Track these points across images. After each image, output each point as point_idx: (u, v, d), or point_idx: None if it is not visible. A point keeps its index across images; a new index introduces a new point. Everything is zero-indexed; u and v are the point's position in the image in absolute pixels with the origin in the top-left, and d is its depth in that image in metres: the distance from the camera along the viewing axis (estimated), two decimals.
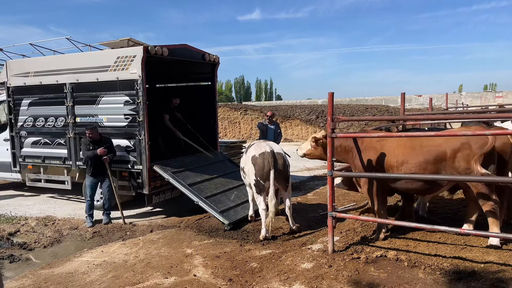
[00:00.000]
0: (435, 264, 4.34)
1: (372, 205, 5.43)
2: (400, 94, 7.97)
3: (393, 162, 5.05)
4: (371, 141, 5.27)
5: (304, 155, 6.02)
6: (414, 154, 4.94)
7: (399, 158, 5.02)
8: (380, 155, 5.15)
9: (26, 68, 8.98)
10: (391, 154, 5.09)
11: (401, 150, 5.04)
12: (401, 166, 5.00)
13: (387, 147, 5.15)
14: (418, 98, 29.40)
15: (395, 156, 5.05)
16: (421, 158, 4.88)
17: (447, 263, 4.33)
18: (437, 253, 4.67)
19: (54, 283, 4.94)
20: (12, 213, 8.21)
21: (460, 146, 4.71)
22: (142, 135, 7.55)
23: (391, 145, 5.13)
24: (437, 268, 4.25)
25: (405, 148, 5.03)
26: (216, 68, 9.49)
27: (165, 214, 8.14)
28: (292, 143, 21.74)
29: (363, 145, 5.35)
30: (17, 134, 9.25)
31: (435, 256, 4.57)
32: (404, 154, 5.00)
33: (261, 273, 4.85)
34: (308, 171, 12.76)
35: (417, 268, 4.33)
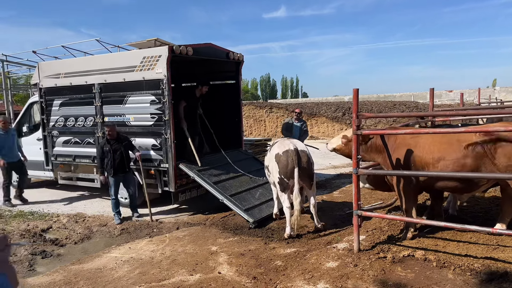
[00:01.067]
0: (466, 264, 4.19)
1: (402, 203, 5.28)
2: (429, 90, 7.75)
3: (429, 159, 4.85)
4: (404, 138, 5.10)
5: (333, 149, 5.97)
6: (451, 150, 4.73)
7: (435, 154, 4.81)
8: (414, 152, 4.96)
9: (57, 69, 9.26)
10: (426, 151, 4.89)
11: (436, 146, 4.83)
12: (437, 163, 4.78)
13: (421, 144, 4.95)
14: (449, 94, 28.52)
15: (431, 153, 4.85)
16: (459, 154, 4.67)
17: (478, 263, 4.18)
18: (468, 253, 4.51)
19: (84, 279, 5.07)
20: (45, 210, 8.51)
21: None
22: (168, 133, 7.65)
23: (426, 141, 4.93)
24: (467, 269, 4.11)
25: (441, 144, 4.82)
26: (241, 66, 9.50)
27: (191, 212, 8.23)
28: (318, 141, 21.55)
29: (396, 142, 5.17)
30: (49, 134, 9.55)
31: (466, 257, 4.42)
32: (440, 150, 4.80)
33: (285, 271, 4.83)
34: (334, 169, 12.62)
35: (447, 269, 4.20)
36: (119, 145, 7.57)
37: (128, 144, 7.70)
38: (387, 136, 5.22)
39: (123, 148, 7.59)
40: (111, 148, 7.55)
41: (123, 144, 7.61)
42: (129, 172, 7.81)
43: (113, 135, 7.59)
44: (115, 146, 7.57)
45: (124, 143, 7.64)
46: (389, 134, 5.14)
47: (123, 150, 7.58)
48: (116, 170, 7.63)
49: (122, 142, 7.62)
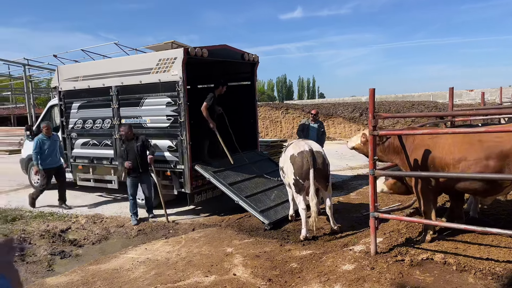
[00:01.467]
0: (487, 268, 4.07)
1: (421, 205, 5.15)
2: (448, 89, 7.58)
3: (449, 160, 4.70)
4: (422, 138, 4.97)
5: (353, 148, 5.90)
6: (473, 150, 4.57)
7: (456, 155, 4.65)
8: (434, 153, 4.82)
9: (76, 72, 9.42)
10: (446, 151, 4.74)
11: (457, 147, 4.68)
12: (458, 164, 4.62)
13: (441, 144, 4.81)
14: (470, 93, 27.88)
15: (451, 153, 4.69)
16: (482, 155, 4.51)
17: (500, 267, 4.05)
18: (489, 256, 4.38)
19: (101, 279, 5.13)
20: (64, 211, 8.65)
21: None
22: (184, 135, 7.69)
23: (446, 142, 4.78)
24: (488, 273, 3.99)
25: (462, 144, 4.67)
26: (256, 67, 9.49)
27: (207, 213, 8.24)
28: (335, 142, 21.38)
29: (414, 143, 5.04)
30: (68, 136, 9.72)
31: (487, 260, 4.29)
32: (461, 151, 4.64)
33: (301, 273, 4.78)
34: (351, 170, 12.48)
35: (467, 273, 4.08)
36: (134, 146, 7.65)
37: (142, 145, 7.72)
38: (405, 137, 5.10)
39: (139, 149, 7.66)
40: (126, 149, 7.64)
41: (137, 145, 7.67)
42: (145, 173, 7.86)
43: (127, 135, 7.66)
44: (130, 147, 7.65)
45: (138, 143, 7.69)
46: (407, 134, 5.03)
47: (139, 151, 7.65)
48: (131, 171, 7.71)
49: (137, 143, 7.69)
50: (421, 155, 4.90)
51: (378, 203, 4.99)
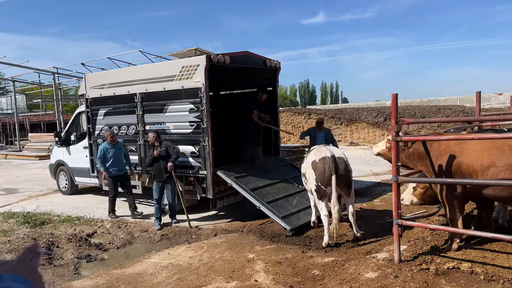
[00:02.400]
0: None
1: (447, 212, 5.01)
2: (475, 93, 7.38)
3: (477, 166, 4.54)
4: (448, 144, 4.83)
5: (378, 154, 5.88)
6: (503, 156, 4.41)
7: (484, 161, 4.50)
8: (460, 159, 4.68)
9: (102, 80, 9.67)
10: (474, 157, 4.59)
11: (485, 153, 4.53)
12: (487, 171, 4.46)
13: (468, 150, 4.66)
14: (499, 97, 27.03)
15: (479, 159, 4.54)
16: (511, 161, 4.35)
17: None
18: None
19: (125, 283, 5.22)
20: (90, 216, 8.85)
21: None
22: (206, 141, 7.77)
23: (473, 147, 4.64)
24: None
25: (490, 149, 4.52)
26: (277, 73, 9.51)
27: (229, 219, 8.28)
28: (359, 147, 21.12)
29: (439, 148, 4.90)
30: (94, 142, 9.96)
31: None
32: (489, 157, 4.49)
33: (322, 281, 4.73)
34: (375, 176, 12.29)
35: (495, 282, 3.96)
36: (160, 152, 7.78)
37: (167, 151, 7.86)
38: (430, 142, 4.99)
39: (164, 154, 7.78)
40: (153, 154, 7.80)
41: (163, 150, 7.81)
42: (170, 179, 7.99)
43: (152, 141, 7.87)
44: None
45: (163, 149, 7.83)
46: (431, 140, 4.93)
47: (163, 156, 7.78)
48: (156, 176, 7.85)
49: (162, 149, 7.83)
50: (447, 161, 4.78)
51: (402, 210, 4.90)
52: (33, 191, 12.28)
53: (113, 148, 8.50)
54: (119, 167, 8.62)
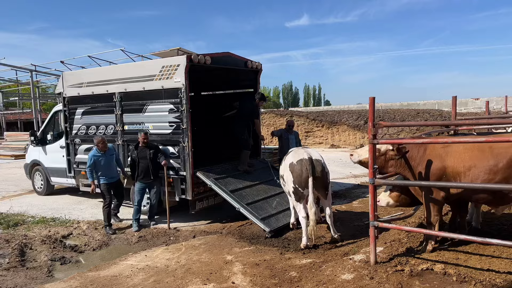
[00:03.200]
0: (487, 279, 4.02)
1: (430, 215, 5.02)
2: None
3: (460, 168, 4.61)
4: (434, 147, 4.87)
5: (359, 162, 5.56)
6: (483, 157, 4.49)
7: (466, 162, 4.57)
8: (445, 162, 4.74)
9: (80, 79, 9.49)
10: (458, 159, 4.66)
11: (468, 154, 4.60)
12: (469, 171, 4.54)
13: (452, 152, 4.72)
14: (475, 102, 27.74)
15: (462, 161, 4.61)
16: (491, 162, 4.43)
17: (500, 279, 4.00)
18: (490, 268, 4.33)
19: (100, 285, 5.12)
20: (66, 217, 8.67)
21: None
22: (186, 142, 7.70)
23: (457, 149, 4.70)
24: (489, 284, 3.94)
25: (472, 150, 4.59)
26: (259, 75, 9.51)
27: (208, 220, 8.23)
28: (339, 149, 21.32)
29: (426, 153, 4.94)
30: (71, 142, 9.77)
31: (488, 271, 4.25)
32: (471, 158, 4.56)
33: (299, 282, 4.74)
34: (355, 178, 12.42)
35: (467, 284, 4.04)
36: (147, 153, 7.70)
37: (155, 153, 7.78)
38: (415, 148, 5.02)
39: (151, 156, 7.70)
40: (137, 155, 7.69)
41: (150, 152, 7.72)
42: (155, 180, 7.90)
43: (143, 142, 7.74)
44: (142, 154, 7.71)
45: (151, 151, 7.74)
46: (407, 143, 5.00)
47: (150, 158, 7.69)
48: (140, 177, 7.75)
49: (149, 150, 7.74)
50: (433, 164, 4.82)
51: (380, 212, 4.96)
52: (7, 191, 11.97)
53: (104, 155, 7.74)
54: (111, 174, 7.88)
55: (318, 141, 23.36)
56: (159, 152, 7.85)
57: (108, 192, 7.84)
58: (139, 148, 7.78)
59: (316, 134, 23.59)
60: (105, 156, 7.77)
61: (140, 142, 7.76)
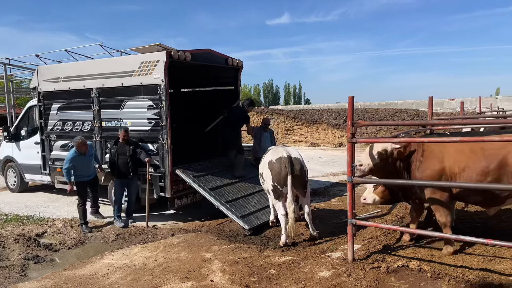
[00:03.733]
0: (461, 276, 4.12)
1: (438, 216, 4.86)
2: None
3: (455, 169, 4.61)
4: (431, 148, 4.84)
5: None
6: (475, 159, 4.50)
7: (461, 164, 4.57)
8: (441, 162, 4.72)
9: (56, 73, 9.27)
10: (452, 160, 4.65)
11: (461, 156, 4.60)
12: (463, 173, 4.56)
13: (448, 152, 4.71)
14: (451, 102, 28.44)
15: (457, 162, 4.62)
16: (483, 163, 4.45)
17: (473, 275, 4.11)
18: (463, 264, 4.44)
19: (75, 285, 5.02)
20: (40, 215, 8.46)
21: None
22: (165, 139, 7.62)
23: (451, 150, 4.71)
24: (462, 281, 4.03)
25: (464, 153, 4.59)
26: (239, 72, 9.49)
27: (187, 218, 8.17)
28: (319, 148, 21.51)
29: (424, 154, 4.89)
30: (47, 138, 9.54)
31: (461, 268, 4.35)
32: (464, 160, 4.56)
33: (278, 280, 4.76)
34: (334, 176, 12.54)
35: (441, 280, 4.13)
36: (126, 150, 7.58)
37: (135, 149, 7.66)
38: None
39: (130, 152, 7.59)
40: (116, 151, 7.57)
41: (130, 149, 7.60)
42: (134, 177, 7.79)
43: (123, 139, 7.61)
44: (122, 150, 7.59)
45: (131, 147, 7.63)
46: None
47: (130, 155, 7.58)
48: (120, 174, 7.63)
49: (129, 147, 7.62)
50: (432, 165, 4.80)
51: (357, 209, 5.02)
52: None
53: (83, 156, 7.56)
54: (88, 173, 7.74)
55: (298, 139, 23.50)
56: (139, 148, 7.74)
57: (84, 190, 7.70)
58: (118, 144, 7.66)
59: (296, 132, 23.72)
60: (84, 157, 7.59)
61: (120, 138, 7.64)
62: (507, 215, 6.22)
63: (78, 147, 7.44)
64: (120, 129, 7.72)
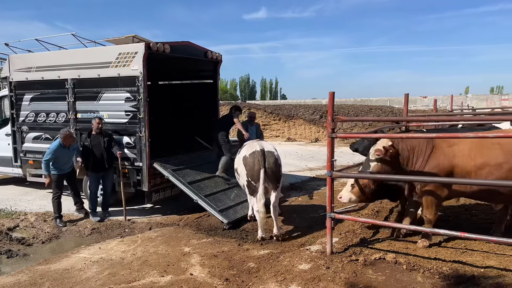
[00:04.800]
0: (434, 267, 4.27)
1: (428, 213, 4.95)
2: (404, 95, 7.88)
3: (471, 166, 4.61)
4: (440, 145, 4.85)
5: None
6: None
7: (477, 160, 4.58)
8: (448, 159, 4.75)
9: (29, 63, 8.97)
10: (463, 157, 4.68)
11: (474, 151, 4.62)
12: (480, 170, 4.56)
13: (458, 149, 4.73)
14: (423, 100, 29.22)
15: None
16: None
17: (446, 267, 4.27)
18: (437, 256, 4.61)
19: (50, 279, 4.91)
20: (12, 208, 8.20)
21: None
22: (143, 132, 7.52)
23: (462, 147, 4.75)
24: (436, 272, 4.18)
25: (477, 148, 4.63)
26: (219, 66, 9.45)
27: (165, 212, 8.10)
28: (295, 143, 21.68)
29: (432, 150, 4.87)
30: (18, 129, 9.24)
31: (435, 260, 4.51)
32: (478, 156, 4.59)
33: (258, 273, 4.80)
34: (310, 171, 12.69)
35: (416, 272, 4.27)
36: (101, 141, 7.43)
37: (109, 141, 7.53)
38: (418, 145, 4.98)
39: (105, 144, 7.44)
40: (91, 143, 7.39)
41: (105, 140, 7.45)
42: (109, 170, 7.65)
43: (96, 130, 7.45)
44: (96, 142, 7.42)
45: (105, 139, 7.48)
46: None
47: (104, 147, 7.43)
48: (95, 166, 7.48)
49: (103, 138, 7.47)
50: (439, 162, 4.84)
51: (335, 204, 5.11)
52: None
53: (68, 150, 7.31)
54: (67, 166, 7.50)
55: (275, 134, 23.60)
56: (113, 141, 7.62)
57: (61, 183, 7.48)
58: (92, 135, 7.49)
59: (273, 127, 23.81)
60: (68, 151, 7.37)
61: (94, 128, 7.46)
62: (477, 209, 6.48)
63: (65, 140, 7.21)
64: (94, 118, 7.53)
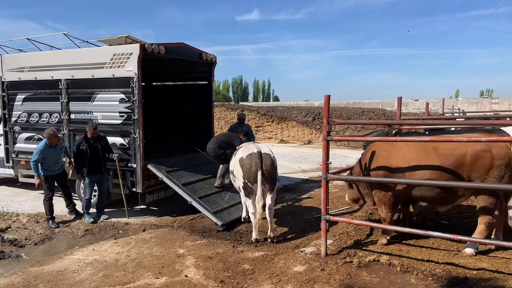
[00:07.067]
0: (428, 269, 4.32)
1: (381, 211, 5.31)
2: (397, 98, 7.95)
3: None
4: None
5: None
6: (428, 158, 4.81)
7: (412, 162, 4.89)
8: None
9: (21, 63, 8.90)
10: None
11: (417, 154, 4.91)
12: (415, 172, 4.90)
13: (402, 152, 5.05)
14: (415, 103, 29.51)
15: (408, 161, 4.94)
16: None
17: (439, 269, 4.32)
18: (430, 258, 4.66)
19: (44, 281, 4.88)
20: (3, 209, 8.11)
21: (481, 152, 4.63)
22: (137, 133, 7.50)
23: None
24: (429, 274, 4.23)
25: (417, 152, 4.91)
26: (213, 67, 9.45)
27: (159, 214, 8.08)
28: (288, 145, 21.73)
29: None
30: (10, 130, 9.16)
31: (428, 262, 4.56)
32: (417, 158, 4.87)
33: (253, 275, 4.81)
34: (303, 173, 12.73)
35: (410, 274, 4.31)
36: (98, 145, 7.40)
37: (105, 144, 7.53)
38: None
39: (101, 147, 7.41)
40: (88, 147, 7.34)
41: (101, 144, 7.43)
42: (105, 172, 7.63)
43: (93, 135, 7.38)
44: (92, 146, 7.38)
45: (102, 143, 7.46)
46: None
47: (101, 150, 7.41)
48: (92, 170, 7.44)
49: (100, 142, 7.44)
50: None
51: (329, 206, 5.14)
52: None
53: (54, 149, 7.29)
54: (57, 167, 7.47)
55: (268, 136, 23.64)
56: (108, 144, 7.60)
57: (52, 184, 7.44)
58: (88, 140, 7.43)
59: (266, 129, 23.85)
60: (55, 150, 7.33)
61: (89, 135, 7.41)
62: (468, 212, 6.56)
63: (50, 139, 7.19)
64: (88, 127, 7.43)
